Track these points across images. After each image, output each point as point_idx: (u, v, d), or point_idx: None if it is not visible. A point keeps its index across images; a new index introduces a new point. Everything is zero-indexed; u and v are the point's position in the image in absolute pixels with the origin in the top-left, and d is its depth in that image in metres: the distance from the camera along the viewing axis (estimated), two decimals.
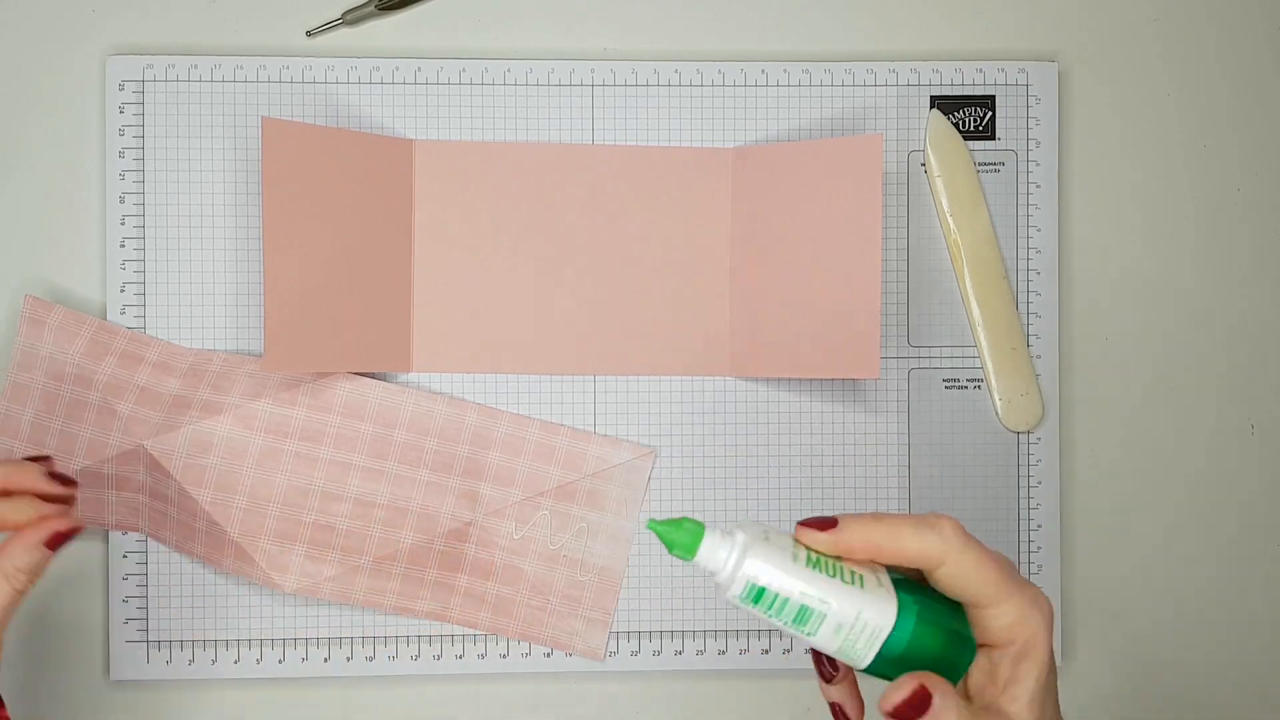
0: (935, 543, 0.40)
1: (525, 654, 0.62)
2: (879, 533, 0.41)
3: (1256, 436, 0.64)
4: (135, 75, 0.61)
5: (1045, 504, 0.63)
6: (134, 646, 0.61)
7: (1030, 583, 0.42)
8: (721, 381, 0.62)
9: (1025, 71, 0.63)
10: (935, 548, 0.40)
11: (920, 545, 0.40)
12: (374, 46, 0.62)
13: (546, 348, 0.62)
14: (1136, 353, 0.64)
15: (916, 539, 0.40)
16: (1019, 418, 0.63)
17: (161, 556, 0.61)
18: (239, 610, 0.61)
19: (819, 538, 0.41)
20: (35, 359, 0.59)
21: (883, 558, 0.41)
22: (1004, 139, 0.63)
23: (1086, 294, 0.64)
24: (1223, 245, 0.64)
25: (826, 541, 0.41)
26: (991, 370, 0.62)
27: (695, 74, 0.62)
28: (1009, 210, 0.63)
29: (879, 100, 0.63)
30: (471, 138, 0.62)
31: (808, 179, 0.60)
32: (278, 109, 0.61)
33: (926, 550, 0.40)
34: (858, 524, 0.41)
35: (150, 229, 0.61)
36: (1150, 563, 0.64)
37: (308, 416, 0.59)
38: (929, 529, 0.40)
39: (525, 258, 0.62)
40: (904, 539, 0.40)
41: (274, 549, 0.59)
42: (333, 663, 0.61)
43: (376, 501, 0.60)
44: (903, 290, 0.63)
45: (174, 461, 0.58)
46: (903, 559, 0.40)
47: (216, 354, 0.61)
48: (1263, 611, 0.64)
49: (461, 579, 0.61)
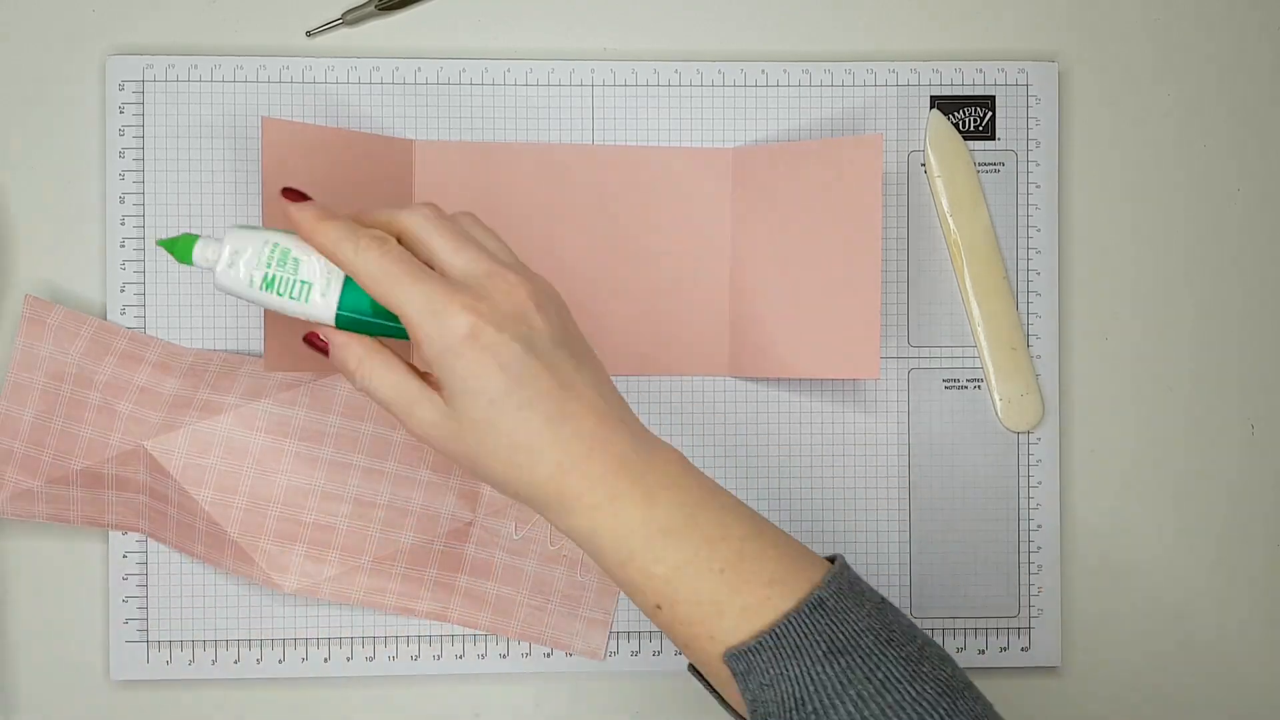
0: (349, 252, 0.45)
1: (525, 654, 0.62)
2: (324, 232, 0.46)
3: (1256, 436, 0.64)
4: (135, 75, 0.61)
5: (1045, 504, 0.63)
6: (134, 646, 0.61)
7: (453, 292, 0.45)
8: (721, 381, 0.62)
9: (1025, 71, 0.63)
10: (347, 256, 0.45)
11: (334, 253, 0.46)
12: (374, 46, 0.62)
13: None
14: (1136, 353, 0.64)
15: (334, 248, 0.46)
16: (1019, 418, 0.63)
17: (161, 556, 0.61)
18: (239, 610, 0.61)
19: (290, 209, 0.47)
20: (35, 359, 0.59)
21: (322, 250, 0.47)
22: (1004, 139, 0.63)
23: (1086, 294, 0.64)
24: (1222, 245, 0.64)
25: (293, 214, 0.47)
26: (991, 370, 0.62)
27: (695, 74, 0.62)
28: (1009, 210, 0.63)
29: (879, 100, 0.63)
30: (471, 138, 0.62)
31: (808, 179, 0.60)
32: (278, 109, 0.61)
33: (337, 256, 0.46)
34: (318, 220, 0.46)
35: (150, 229, 0.61)
36: (1150, 563, 0.64)
37: (308, 416, 0.59)
38: (349, 242, 0.45)
39: (524, 258, 0.61)
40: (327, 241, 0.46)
41: (274, 549, 0.59)
42: (333, 663, 0.61)
43: (376, 501, 0.60)
44: (903, 290, 0.63)
45: (174, 461, 0.58)
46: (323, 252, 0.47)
47: (216, 354, 0.61)
48: (1262, 611, 0.64)
49: (461, 579, 0.61)
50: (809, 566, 0.46)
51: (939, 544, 0.63)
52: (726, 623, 0.45)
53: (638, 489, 0.45)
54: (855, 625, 0.44)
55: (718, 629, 0.45)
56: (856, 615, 0.45)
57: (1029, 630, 0.63)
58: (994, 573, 0.63)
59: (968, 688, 0.45)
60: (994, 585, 0.63)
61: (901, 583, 0.63)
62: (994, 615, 0.63)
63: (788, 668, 0.44)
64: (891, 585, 0.63)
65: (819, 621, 0.44)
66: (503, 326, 0.44)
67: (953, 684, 0.44)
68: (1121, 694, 0.64)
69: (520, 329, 0.45)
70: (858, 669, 0.43)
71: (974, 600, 0.63)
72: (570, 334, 0.47)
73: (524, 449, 0.45)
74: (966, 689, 0.45)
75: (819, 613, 0.44)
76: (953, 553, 0.63)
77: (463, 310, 0.44)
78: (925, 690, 0.43)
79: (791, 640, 0.44)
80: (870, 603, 0.46)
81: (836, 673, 0.43)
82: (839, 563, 0.47)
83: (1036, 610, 0.63)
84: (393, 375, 0.47)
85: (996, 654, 0.63)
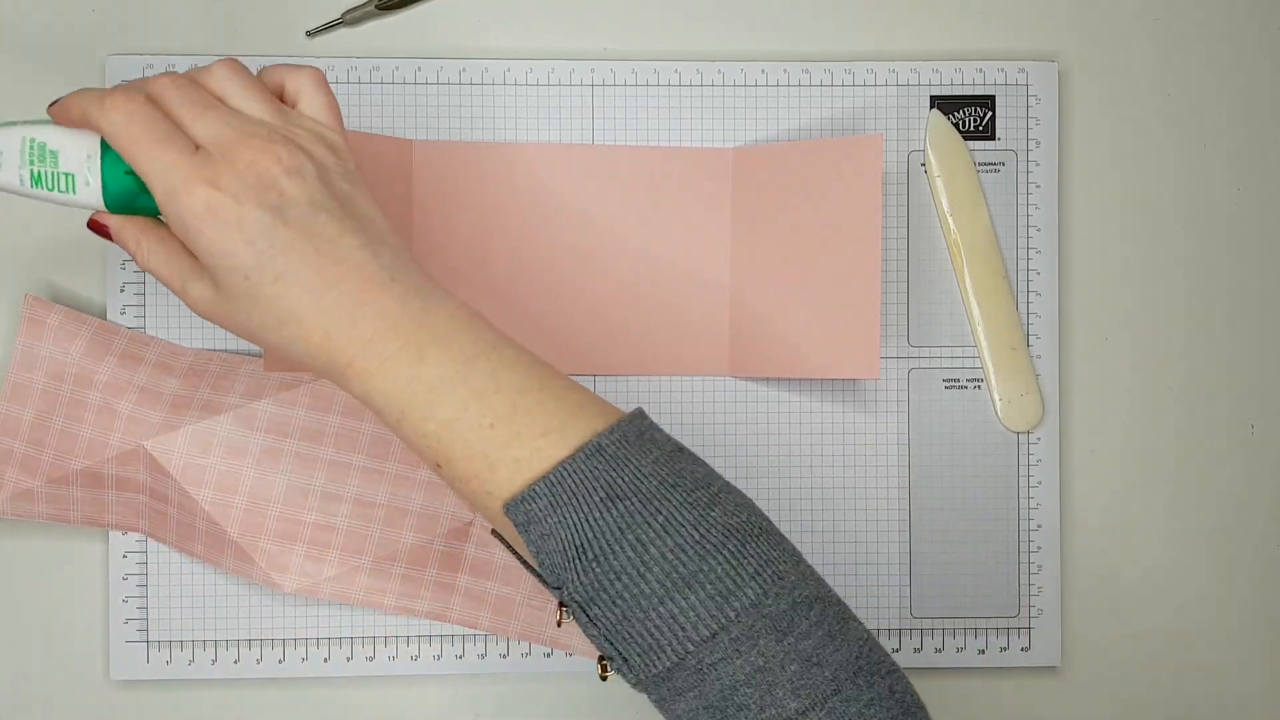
0: (95, 112, 0.44)
1: (525, 654, 0.62)
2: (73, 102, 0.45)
3: (1256, 436, 0.64)
4: (135, 75, 0.61)
5: (1045, 504, 0.63)
6: (134, 646, 0.61)
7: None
8: (721, 381, 0.62)
9: (1025, 71, 0.63)
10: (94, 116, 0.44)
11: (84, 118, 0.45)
12: (374, 46, 0.62)
13: (546, 348, 0.61)
14: (1136, 353, 0.64)
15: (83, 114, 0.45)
16: (1019, 418, 0.63)
17: (161, 556, 0.61)
18: (239, 610, 0.61)
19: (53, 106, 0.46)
20: (35, 359, 0.59)
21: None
22: (1004, 139, 0.63)
23: (1086, 294, 0.64)
24: (1222, 245, 0.64)
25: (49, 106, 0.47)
26: (991, 370, 0.62)
27: (695, 74, 0.62)
28: (1009, 210, 0.63)
29: (879, 100, 0.63)
30: (471, 138, 0.62)
31: (808, 179, 0.60)
32: None
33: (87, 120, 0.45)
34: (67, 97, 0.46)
35: None
36: (1150, 563, 0.64)
37: (308, 416, 0.59)
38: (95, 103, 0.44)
39: (525, 257, 0.62)
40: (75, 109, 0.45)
41: (274, 549, 0.59)
42: (333, 663, 0.61)
43: (376, 501, 0.60)
44: (903, 290, 0.63)
45: (174, 461, 0.58)
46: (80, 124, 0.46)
47: (216, 354, 0.61)
48: (1262, 611, 0.64)
49: (461, 579, 0.61)
50: (594, 416, 0.45)
51: (939, 544, 0.63)
52: (500, 476, 0.44)
53: (408, 349, 0.44)
54: (637, 471, 0.44)
55: (492, 483, 0.44)
56: (640, 461, 0.44)
57: (1029, 630, 0.63)
58: (994, 573, 0.63)
59: (764, 533, 0.44)
60: (994, 585, 0.63)
61: (901, 583, 0.63)
62: (994, 615, 0.63)
63: (565, 515, 0.43)
64: (891, 585, 0.63)
65: (597, 467, 0.43)
66: (243, 198, 0.43)
67: (745, 528, 0.44)
68: (1121, 694, 0.64)
69: (267, 197, 0.43)
70: (638, 513, 0.43)
71: (974, 600, 0.63)
72: (336, 192, 0.45)
73: (290, 320, 0.44)
74: (763, 533, 0.44)
75: (597, 458, 0.43)
76: (953, 553, 0.63)
77: (200, 184, 0.43)
78: (710, 533, 0.43)
79: (567, 487, 0.43)
80: (661, 450, 0.45)
81: (615, 517, 0.43)
82: (634, 412, 0.46)
83: (1036, 610, 0.63)
84: (165, 252, 0.46)
85: (996, 654, 0.63)
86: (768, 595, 0.43)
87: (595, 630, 0.44)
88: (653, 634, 0.43)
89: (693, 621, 0.42)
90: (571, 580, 0.43)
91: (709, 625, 0.42)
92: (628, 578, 0.43)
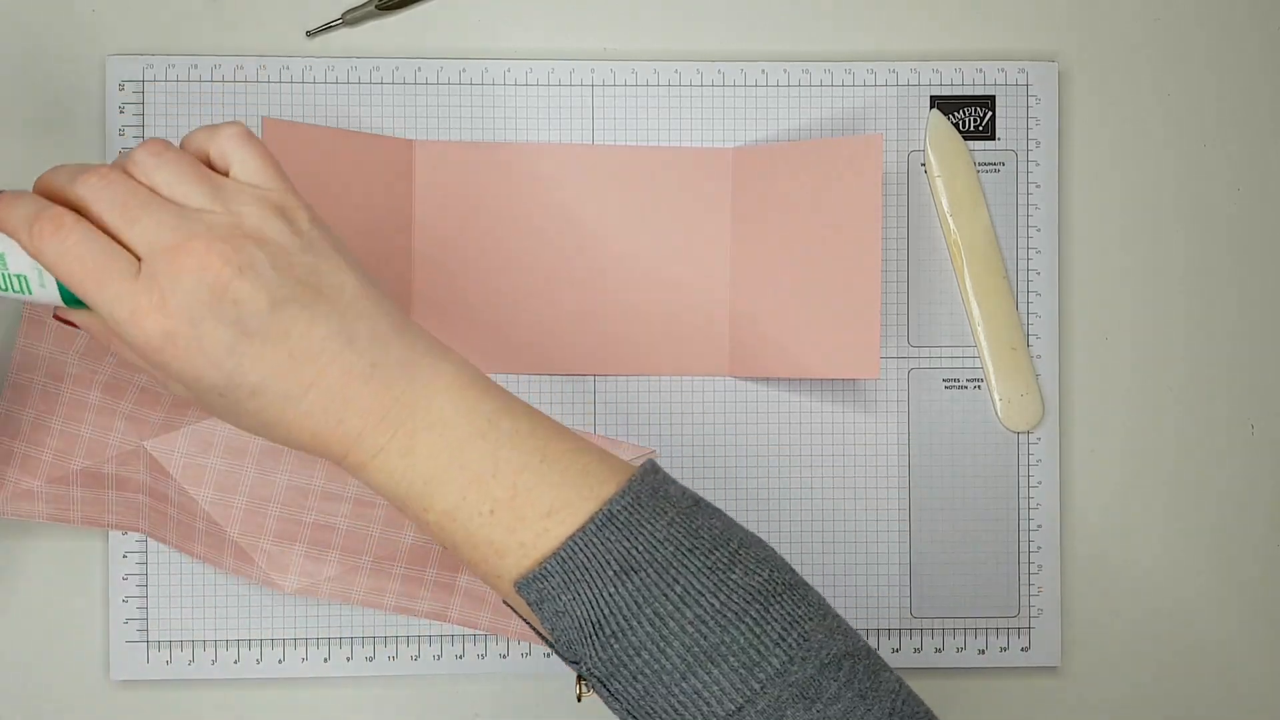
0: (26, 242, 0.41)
1: (525, 654, 0.62)
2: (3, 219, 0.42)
3: (1256, 436, 0.64)
4: (135, 75, 0.61)
5: (1045, 504, 0.63)
6: (134, 646, 0.61)
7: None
8: (721, 381, 0.62)
9: (1025, 71, 0.63)
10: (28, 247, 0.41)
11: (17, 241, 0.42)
12: (374, 46, 0.62)
13: (546, 348, 0.62)
14: (1136, 353, 0.64)
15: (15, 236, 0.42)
16: (1019, 418, 0.63)
17: (161, 556, 0.61)
18: (239, 610, 0.61)
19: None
20: (35, 359, 0.59)
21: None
22: (1004, 139, 0.63)
23: (1086, 294, 0.64)
24: (1223, 245, 0.64)
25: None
26: (991, 370, 0.62)
27: (695, 74, 0.62)
28: (1009, 210, 0.63)
29: (879, 100, 0.63)
30: (471, 138, 0.62)
31: (808, 179, 0.60)
32: (278, 109, 0.61)
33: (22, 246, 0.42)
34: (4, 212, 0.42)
35: None
36: (1150, 563, 0.64)
37: None
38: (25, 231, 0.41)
39: (525, 258, 0.62)
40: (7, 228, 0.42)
41: (274, 549, 0.59)
42: (333, 663, 0.61)
43: (376, 501, 0.60)
44: (903, 290, 0.63)
45: (174, 461, 0.58)
46: None
47: None
48: (1262, 611, 0.64)
49: (462, 579, 0.61)
50: (602, 480, 0.43)
51: (939, 544, 0.63)
52: (507, 561, 0.42)
53: (398, 439, 0.42)
54: (651, 538, 0.42)
55: (501, 567, 0.43)
56: (654, 526, 0.42)
57: (1029, 630, 0.63)
58: (994, 573, 0.63)
59: (789, 589, 0.42)
60: (994, 585, 0.63)
61: (901, 583, 0.63)
62: (994, 615, 0.63)
63: (579, 591, 0.41)
64: (891, 585, 0.63)
65: (609, 538, 0.41)
66: (197, 319, 0.40)
67: (767, 589, 0.42)
68: (1121, 694, 0.64)
69: (223, 311, 0.40)
70: (654, 585, 0.41)
71: (974, 600, 0.63)
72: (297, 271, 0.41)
73: (277, 425, 0.42)
74: (787, 590, 0.42)
75: (609, 528, 0.42)
76: (953, 553, 0.63)
77: (149, 313, 0.40)
78: (732, 600, 0.41)
79: (579, 562, 0.41)
80: (676, 509, 0.43)
81: (630, 591, 0.41)
82: (643, 468, 0.44)
83: (1036, 610, 0.63)
84: None
85: (996, 654, 0.63)
86: (794, 661, 0.41)
87: (618, 705, 0.43)
88: (676, 710, 0.41)
89: (717, 696, 0.41)
90: (589, 656, 0.42)
91: (734, 699, 0.41)
92: (647, 654, 0.41)
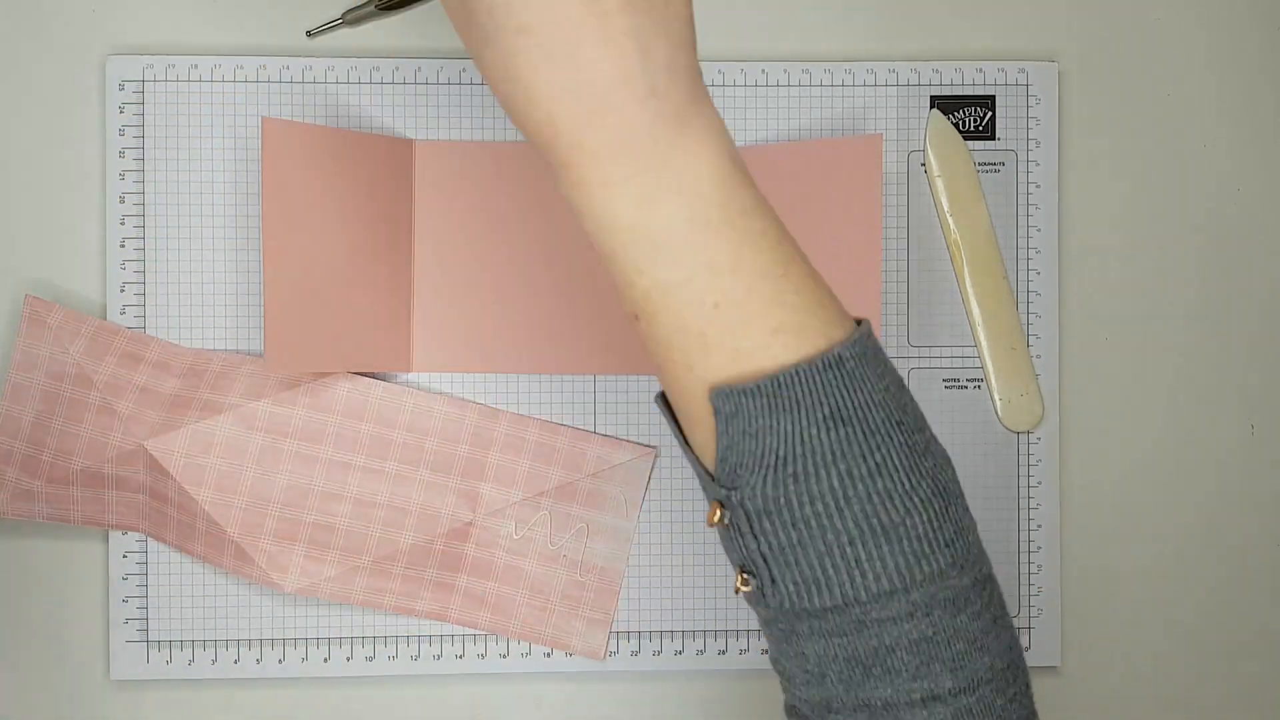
0: None
1: (525, 654, 0.62)
2: None
3: (1256, 436, 0.64)
4: (135, 75, 0.61)
5: (1045, 504, 0.63)
6: (134, 646, 0.61)
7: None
8: None
9: (1025, 71, 0.63)
10: None
11: None
12: (374, 46, 0.62)
13: (546, 348, 0.61)
14: (1136, 353, 0.64)
15: None
16: (1019, 418, 0.63)
17: (161, 556, 0.61)
18: (239, 610, 0.61)
19: None
20: (35, 359, 0.59)
21: None
22: (1004, 139, 0.63)
23: (1086, 294, 0.64)
24: (1223, 245, 0.64)
25: None
26: (991, 370, 0.63)
27: None
28: (1009, 210, 0.63)
29: (879, 100, 0.63)
30: (471, 138, 0.62)
31: (808, 179, 0.60)
32: (278, 109, 0.61)
33: None
34: None
35: (150, 229, 0.61)
36: (1150, 563, 0.64)
37: (308, 416, 0.59)
38: None
39: (525, 257, 0.62)
40: None
41: (274, 549, 0.59)
42: (333, 663, 0.61)
43: (376, 501, 0.60)
44: (903, 290, 0.63)
45: (174, 461, 0.58)
46: None
47: (216, 354, 0.61)
48: (1263, 612, 0.64)
49: (461, 579, 0.61)
50: (830, 324, 0.40)
51: None
52: (713, 360, 0.39)
53: (640, 183, 0.37)
54: (869, 397, 0.39)
55: (702, 365, 0.39)
56: (873, 386, 0.39)
57: (1029, 630, 0.63)
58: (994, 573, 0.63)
59: (960, 498, 0.41)
60: None
61: None
62: None
63: (779, 421, 0.38)
64: None
65: (830, 381, 0.39)
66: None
67: (950, 487, 0.41)
68: (1121, 694, 0.64)
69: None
70: (858, 443, 0.39)
71: None
72: None
73: (518, 81, 0.36)
74: (959, 499, 0.41)
75: (832, 372, 0.39)
76: None
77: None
78: (920, 485, 0.39)
79: (793, 394, 0.38)
80: (891, 378, 0.41)
81: (833, 441, 0.38)
82: (865, 326, 0.41)
83: (1036, 610, 0.63)
84: None
85: None
86: (955, 566, 0.40)
87: (755, 544, 0.40)
88: (826, 570, 0.39)
89: (876, 573, 0.39)
90: (754, 487, 0.39)
91: (891, 581, 0.39)
92: (823, 506, 0.39)
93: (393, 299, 0.60)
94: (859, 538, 0.39)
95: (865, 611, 0.39)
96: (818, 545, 0.39)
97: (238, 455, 0.59)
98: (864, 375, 0.39)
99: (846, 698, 0.40)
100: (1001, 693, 0.40)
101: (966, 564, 0.40)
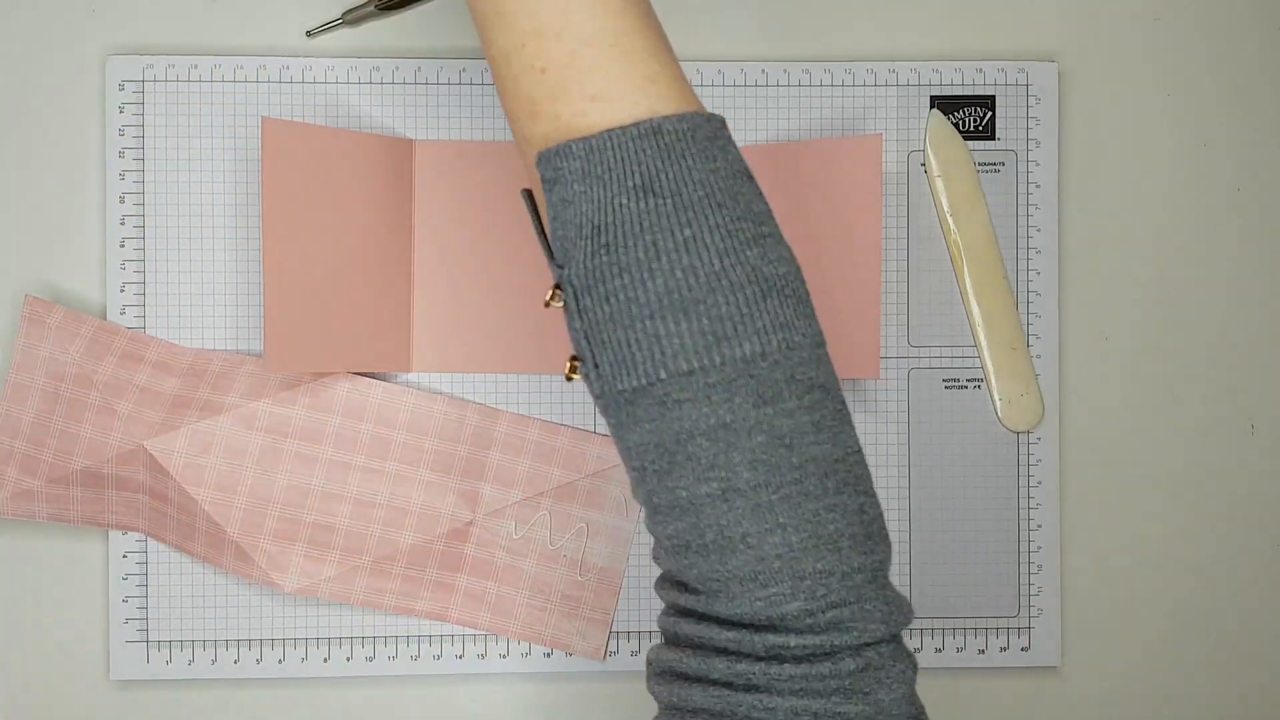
0: None
1: (525, 654, 0.62)
2: None
3: (1256, 436, 0.64)
4: (135, 75, 0.61)
5: (1045, 504, 0.63)
6: (134, 646, 0.61)
7: None
8: None
9: (1025, 71, 0.63)
10: None
11: None
12: (374, 46, 0.62)
13: (546, 348, 0.61)
14: (1136, 353, 0.64)
15: None
16: (1019, 418, 0.63)
17: (161, 556, 0.61)
18: (239, 610, 0.61)
19: None
20: (35, 359, 0.59)
21: None
22: (1004, 139, 0.63)
23: (1086, 294, 0.64)
24: (1222, 245, 0.64)
25: None
26: (991, 370, 0.62)
27: (695, 74, 0.62)
28: (1009, 210, 0.63)
29: (879, 100, 0.63)
30: (471, 138, 0.62)
31: (808, 179, 0.60)
32: (278, 109, 0.61)
33: None
34: None
35: (150, 229, 0.61)
36: (1150, 563, 0.64)
37: (308, 416, 0.59)
38: None
39: (526, 257, 0.62)
40: None
41: (274, 549, 0.59)
42: (333, 663, 0.61)
43: (376, 501, 0.60)
44: (903, 290, 0.63)
45: (174, 461, 0.58)
46: None
47: (216, 354, 0.61)
48: (1262, 612, 0.64)
49: (461, 579, 0.61)
50: (663, 97, 0.40)
51: (939, 544, 0.63)
52: (539, 128, 0.40)
53: None
54: (687, 173, 0.39)
55: (531, 131, 0.41)
56: (694, 164, 0.40)
57: (1029, 630, 0.63)
58: (994, 573, 0.63)
59: (795, 300, 0.40)
60: (994, 585, 0.63)
61: (901, 583, 0.63)
62: (994, 615, 0.63)
63: (592, 187, 0.39)
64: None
65: (644, 150, 0.39)
66: None
67: (774, 281, 0.40)
68: (1121, 694, 0.64)
69: None
70: (667, 215, 0.39)
71: (974, 600, 0.63)
72: None
73: None
74: (793, 299, 0.40)
75: (648, 141, 0.39)
76: (953, 553, 0.63)
77: None
78: (733, 269, 0.39)
79: (605, 159, 0.39)
80: (727, 166, 0.41)
81: (641, 211, 0.39)
82: (712, 115, 0.41)
83: (1036, 610, 0.63)
84: None
85: (996, 654, 0.63)
86: (765, 358, 0.39)
87: (579, 323, 0.40)
88: (631, 346, 0.39)
89: (675, 350, 0.39)
90: (577, 261, 0.40)
91: (689, 361, 0.39)
92: (629, 277, 0.39)
93: (393, 299, 0.60)
94: (660, 312, 0.39)
95: (666, 391, 0.39)
96: (624, 321, 0.39)
97: (238, 455, 0.59)
98: (685, 151, 0.39)
99: (660, 493, 0.40)
100: (814, 499, 0.39)
101: (781, 360, 0.39)
